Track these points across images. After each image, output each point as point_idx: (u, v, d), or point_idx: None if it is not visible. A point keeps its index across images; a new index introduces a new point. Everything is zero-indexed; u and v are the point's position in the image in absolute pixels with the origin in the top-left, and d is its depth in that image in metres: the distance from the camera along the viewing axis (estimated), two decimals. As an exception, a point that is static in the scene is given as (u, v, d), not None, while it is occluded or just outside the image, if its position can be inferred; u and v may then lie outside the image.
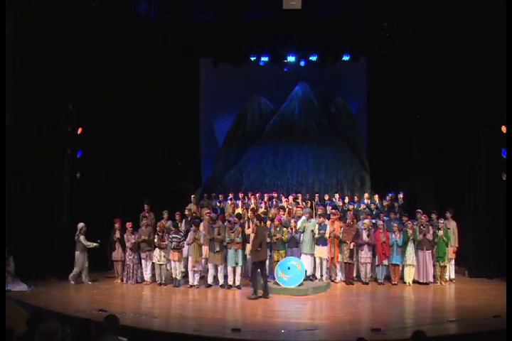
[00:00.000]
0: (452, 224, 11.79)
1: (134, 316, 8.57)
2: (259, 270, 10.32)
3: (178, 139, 16.01)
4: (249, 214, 12.28)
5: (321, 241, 11.46)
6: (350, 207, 13.33)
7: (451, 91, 13.16)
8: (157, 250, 11.42)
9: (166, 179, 15.28)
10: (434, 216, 11.83)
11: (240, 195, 14.21)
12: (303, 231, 11.35)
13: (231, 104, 18.07)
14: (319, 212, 12.29)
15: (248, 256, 11.70)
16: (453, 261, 11.83)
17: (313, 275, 11.51)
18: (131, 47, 13.75)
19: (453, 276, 11.83)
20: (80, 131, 12.43)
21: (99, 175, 12.93)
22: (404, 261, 11.45)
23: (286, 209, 12.80)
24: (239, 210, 13.26)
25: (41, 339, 3.86)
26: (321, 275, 11.56)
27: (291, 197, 14.06)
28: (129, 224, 11.68)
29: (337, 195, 14.41)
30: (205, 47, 15.89)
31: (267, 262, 11.19)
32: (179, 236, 11.22)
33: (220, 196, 14.59)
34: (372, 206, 13.23)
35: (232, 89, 17.66)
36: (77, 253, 11.54)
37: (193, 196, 14.19)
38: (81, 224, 11.62)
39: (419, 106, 14.71)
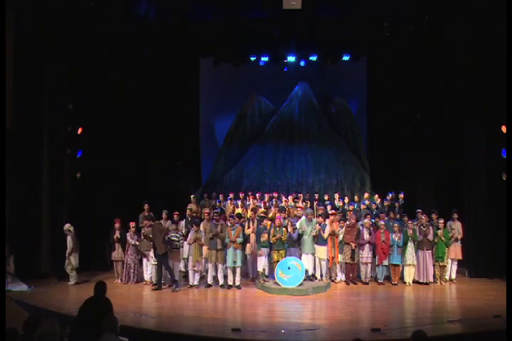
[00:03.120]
0: (457, 225, 11.80)
1: (134, 316, 8.58)
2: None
3: (178, 139, 16.01)
4: (250, 214, 12.29)
5: (320, 241, 11.46)
6: (351, 207, 13.35)
7: (451, 91, 13.17)
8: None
9: (166, 179, 15.27)
10: (434, 216, 11.84)
11: (240, 195, 14.24)
12: (302, 233, 11.30)
13: (231, 104, 18.07)
14: (319, 212, 12.29)
15: (248, 256, 11.72)
16: (456, 261, 11.80)
17: (314, 275, 11.50)
18: (130, 48, 13.76)
19: (454, 276, 11.82)
20: (80, 131, 12.44)
21: (99, 175, 12.94)
22: (404, 261, 11.44)
23: (286, 210, 12.79)
24: (239, 210, 13.27)
25: (41, 340, 3.85)
26: (321, 276, 11.55)
27: (291, 197, 14.07)
28: (132, 223, 11.67)
29: (337, 195, 14.43)
30: (205, 47, 15.90)
31: (266, 262, 11.20)
32: (178, 235, 11.18)
33: (220, 196, 14.58)
34: (373, 206, 13.24)
35: (232, 89, 17.66)
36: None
37: (192, 196, 14.19)
38: (67, 225, 11.43)
39: (419, 106, 14.72)
